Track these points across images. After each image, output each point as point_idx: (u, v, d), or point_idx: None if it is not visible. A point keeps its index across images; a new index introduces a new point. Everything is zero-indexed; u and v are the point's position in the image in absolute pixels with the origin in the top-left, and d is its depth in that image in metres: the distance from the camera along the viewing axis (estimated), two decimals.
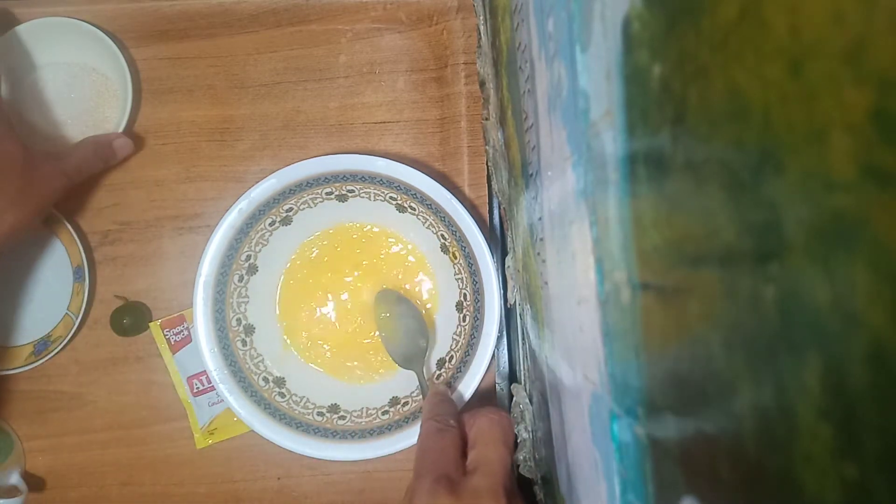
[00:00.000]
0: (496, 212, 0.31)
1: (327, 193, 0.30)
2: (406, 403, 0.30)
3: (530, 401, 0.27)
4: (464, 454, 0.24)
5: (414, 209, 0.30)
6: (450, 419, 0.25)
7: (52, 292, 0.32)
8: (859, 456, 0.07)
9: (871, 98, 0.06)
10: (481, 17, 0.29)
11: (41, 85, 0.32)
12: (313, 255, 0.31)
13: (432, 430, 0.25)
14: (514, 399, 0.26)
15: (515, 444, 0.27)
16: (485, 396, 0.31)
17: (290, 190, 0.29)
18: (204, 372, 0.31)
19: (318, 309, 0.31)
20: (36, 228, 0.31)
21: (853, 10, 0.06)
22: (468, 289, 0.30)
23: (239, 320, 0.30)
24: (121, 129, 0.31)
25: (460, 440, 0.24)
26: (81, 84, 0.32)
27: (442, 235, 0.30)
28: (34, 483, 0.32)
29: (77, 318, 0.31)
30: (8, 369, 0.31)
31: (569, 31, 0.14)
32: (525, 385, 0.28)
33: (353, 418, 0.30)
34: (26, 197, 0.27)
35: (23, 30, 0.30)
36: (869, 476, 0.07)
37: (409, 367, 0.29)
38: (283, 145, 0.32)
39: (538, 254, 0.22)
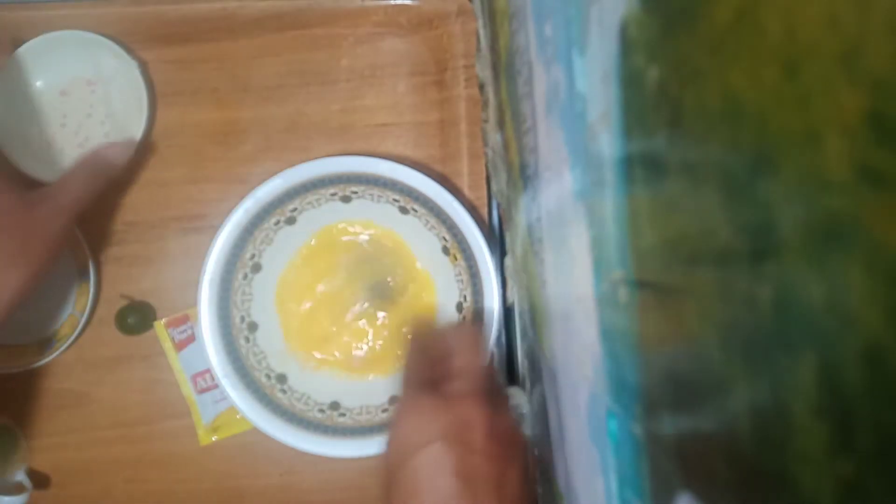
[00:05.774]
0: (495, 213, 0.31)
1: (332, 194, 0.30)
2: None
3: (529, 399, 0.27)
4: (443, 365, 0.25)
5: (416, 211, 0.30)
6: (428, 344, 0.27)
7: (57, 292, 0.32)
8: (854, 454, 0.07)
9: (865, 100, 0.06)
10: (481, 22, 0.30)
11: (50, 108, 0.31)
12: (316, 254, 0.32)
13: (413, 350, 0.26)
14: (511, 402, 0.27)
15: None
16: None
17: (295, 190, 0.29)
18: (208, 370, 0.31)
19: (319, 307, 0.32)
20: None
21: (848, 12, 0.07)
22: (468, 290, 0.30)
23: (242, 318, 0.30)
24: (139, 137, 0.30)
25: (440, 355, 0.26)
26: (94, 100, 0.31)
27: (443, 237, 0.30)
28: (39, 480, 0.32)
29: (82, 318, 0.31)
30: (13, 367, 0.31)
31: (566, 35, 0.15)
32: (524, 383, 0.28)
33: (353, 416, 0.30)
34: (29, 250, 0.25)
35: (23, 52, 0.29)
36: (864, 473, 0.07)
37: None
38: (286, 147, 0.33)
39: (536, 254, 0.22)
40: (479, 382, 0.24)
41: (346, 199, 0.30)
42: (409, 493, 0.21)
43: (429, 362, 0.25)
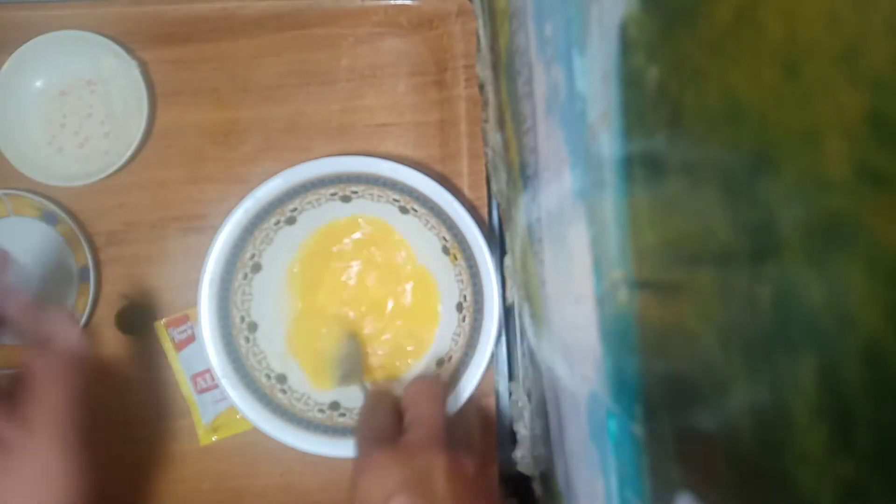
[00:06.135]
0: (495, 213, 0.31)
1: (332, 194, 0.30)
2: None
3: (529, 399, 0.27)
4: (400, 421, 0.25)
5: (416, 211, 0.30)
6: (383, 399, 0.27)
7: (58, 292, 0.32)
8: (854, 453, 0.07)
9: (865, 100, 0.06)
10: (481, 21, 0.30)
11: (50, 108, 0.31)
12: (315, 253, 0.32)
13: (367, 408, 0.26)
14: (513, 397, 0.27)
15: (513, 438, 0.28)
16: (483, 395, 0.31)
17: (295, 190, 0.29)
18: (208, 370, 0.31)
19: (319, 307, 0.32)
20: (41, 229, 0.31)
21: (848, 12, 0.07)
22: (468, 290, 0.30)
23: (242, 318, 0.30)
24: (139, 136, 0.31)
25: (395, 410, 0.26)
26: (94, 100, 0.31)
27: (443, 237, 0.30)
28: None
29: (82, 318, 0.31)
30: (14, 368, 0.31)
31: (566, 35, 0.15)
32: (523, 383, 0.28)
33: (353, 416, 0.30)
34: None
35: (23, 52, 0.30)
36: (863, 473, 0.07)
37: (348, 384, 0.29)
38: (286, 147, 0.33)
39: (536, 254, 0.22)
40: (434, 430, 0.23)
41: (346, 199, 0.30)
42: None
43: (386, 417, 0.25)
